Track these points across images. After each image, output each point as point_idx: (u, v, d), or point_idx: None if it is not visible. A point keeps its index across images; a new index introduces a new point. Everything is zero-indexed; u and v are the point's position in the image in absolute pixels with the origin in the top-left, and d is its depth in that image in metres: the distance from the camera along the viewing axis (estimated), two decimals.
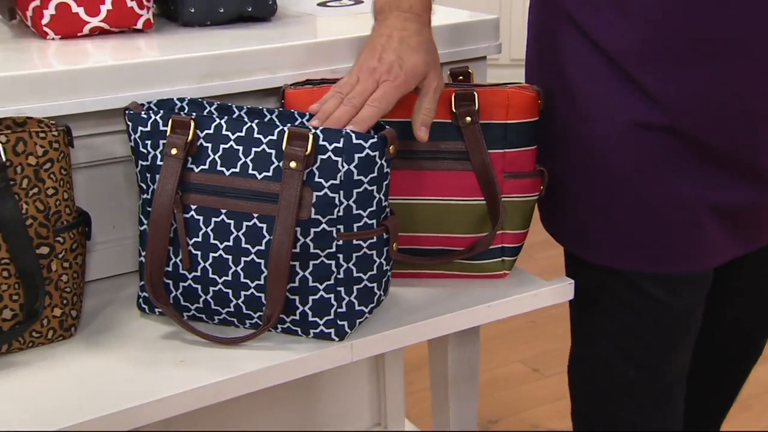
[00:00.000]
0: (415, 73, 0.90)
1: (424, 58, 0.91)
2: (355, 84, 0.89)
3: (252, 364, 0.84)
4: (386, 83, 0.89)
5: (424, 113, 0.91)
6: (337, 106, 0.88)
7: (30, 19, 1.01)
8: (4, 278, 0.82)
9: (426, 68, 0.91)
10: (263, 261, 0.85)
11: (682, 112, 0.89)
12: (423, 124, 0.91)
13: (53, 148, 0.84)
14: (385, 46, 0.90)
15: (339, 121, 0.86)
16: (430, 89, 0.91)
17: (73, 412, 0.77)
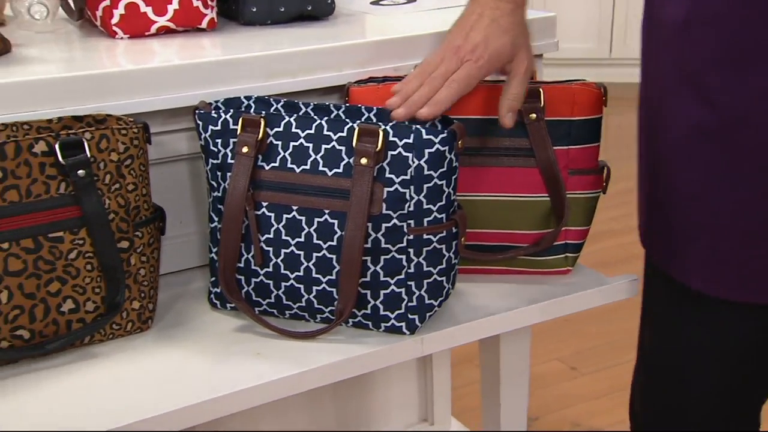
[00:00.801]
0: (500, 55, 0.88)
1: (512, 40, 0.88)
2: (439, 64, 0.88)
3: (327, 357, 0.85)
4: (468, 63, 0.87)
5: (510, 98, 0.89)
6: (418, 86, 0.87)
7: (99, 19, 1.04)
8: (88, 271, 0.84)
9: (514, 50, 0.88)
10: (335, 256, 0.87)
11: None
12: (510, 109, 0.89)
13: (134, 144, 0.85)
14: (474, 25, 0.88)
15: (416, 104, 0.85)
16: (518, 72, 0.89)
17: (155, 403, 0.78)
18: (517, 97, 0.89)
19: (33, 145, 0.80)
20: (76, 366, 0.83)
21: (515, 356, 1.28)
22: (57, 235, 0.82)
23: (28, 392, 0.79)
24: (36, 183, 0.80)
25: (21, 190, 0.79)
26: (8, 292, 0.80)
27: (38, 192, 0.80)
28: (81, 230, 0.83)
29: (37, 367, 0.83)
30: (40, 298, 0.82)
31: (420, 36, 1.08)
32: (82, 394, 0.80)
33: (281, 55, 1.00)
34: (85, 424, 0.75)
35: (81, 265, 0.83)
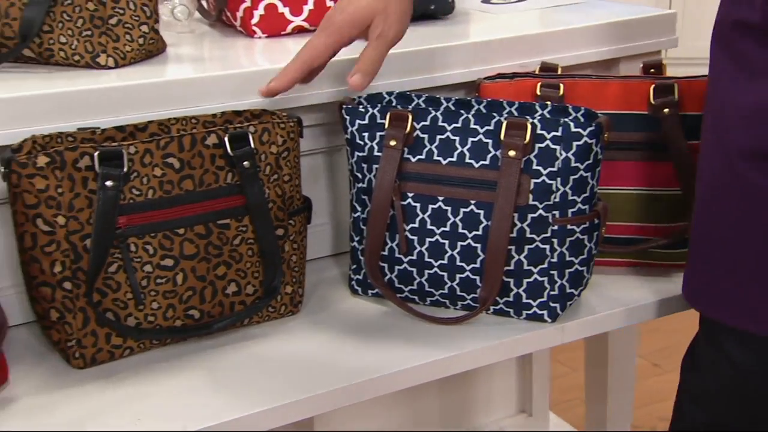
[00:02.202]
0: (353, 20, 0.85)
1: (367, 3, 0.85)
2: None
3: (472, 342, 0.89)
4: (315, 35, 0.85)
5: (361, 61, 0.85)
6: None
7: (240, 19, 1.09)
8: (249, 257, 0.89)
9: (370, 13, 0.85)
10: (480, 245, 0.90)
11: None
12: (357, 70, 0.85)
13: (290, 138, 0.90)
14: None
15: (271, 87, 0.84)
16: (372, 36, 0.85)
17: (311, 385, 0.83)
18: (367, 60, 0.85)
19: (206, 137, 0.85)
20: (239, 345, 0.88)
21: (623, 353, 1.31)
22: (224, 222, 0.87)
23: (198, 368, 0.84)
24: (207, 173, 0.85)
25: (195, 179, 0.85)
26: (183, 274, 0.85)
27: (209, 181, 0.86)
28: (245, 218, 0.88)
29: (203, 345, 0.88)
30: (209, 280, 0.87)
31: (544, 34, 1.11)
32: (246, 371, 0.85)
33: (416, 52, 1.04)
34: (251, 400, 0.80)
35: (243, 251, 0.89)
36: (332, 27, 0.84)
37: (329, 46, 0.84)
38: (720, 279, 0.85)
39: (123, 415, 0.77)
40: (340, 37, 0.85)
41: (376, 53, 0.85)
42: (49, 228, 0.79)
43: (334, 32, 0.84)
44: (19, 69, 0.91)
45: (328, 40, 0.84)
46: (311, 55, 0.84)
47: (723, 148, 0.82)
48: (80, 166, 0.79)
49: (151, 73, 0.93)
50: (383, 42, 0.85)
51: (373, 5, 0.84)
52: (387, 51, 0.86)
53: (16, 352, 0.84)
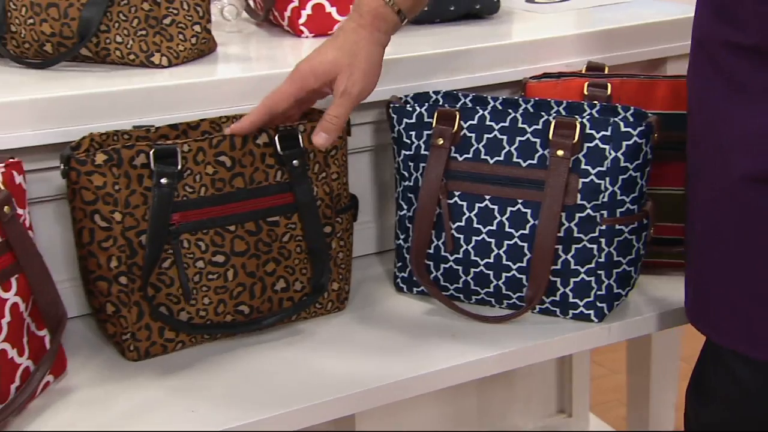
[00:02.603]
0: (314, 71, 0.84)
1: (333, 57, 0.84)
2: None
3: (518, 341, 0.89)
4: (283, 82, 0.85)
5: (325, 119, 0.85)
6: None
7: (287, 19, 1.10)
8: (297, 254, 0.90)
9: (334, 68, 0.84)
10: (527, 244, 0.90)
11: None
12: (322, 129, 0.85)
13: (339, 136, 0.91)
14: (314, 50, 0.86)
15: (233, 128, 0.84)
16: (336, 93, 0.85)
17: (355, 382, 0.84)
18: (331, 118, 0.85)
19: (257, 136, 0.86)
20: (287, 341, 0.90)
21: (666, 355, 1.30)
22: (274, 219, 0.88)
23: (247, 362, 0.86)
24: (257, 171, 0.87)
25: (245, 177, 0.86)
26: (234, 270, 0.87)
27: (259, 179, 0.87)
28: (293, 215, 0.89)
29: (252, 340, 0.89)
30: (259, 277, 0.88)
31: (590, 33, 1.11)
32: (295, 366, 0.86)
33: (461, 52, 1.04)
34: (297, 396, 0.81)
35: (292, 248, 0.90)
36: (295, 75, 0.85)
37: (290, 93, 0.85)
38: (720, 302, 0.83)
39: (177, 407, 0.78)
40: (301, 86, 0.85)
41: (339, 110, 0.85)
42: (106, 224, 0.81)
43: (296, 80, 0.85)
44: (77, 68, 0.93)
45: (290, 88, 0.85)
46: (273, 100, 0.84)
47: (723, 172, 0.80)
48: (136, 164, 0.81)
49: (202, 72, 0.94)
50: (347, 99, 0.85)
51: (337, 60, 0.84)
52: (351, 108, 0.86)
53: (73, 344, 0.86)
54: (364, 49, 0.86)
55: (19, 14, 0.90)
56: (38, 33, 0.90)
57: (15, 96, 0.84)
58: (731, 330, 0.82)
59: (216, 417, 0.78)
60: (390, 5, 0.86)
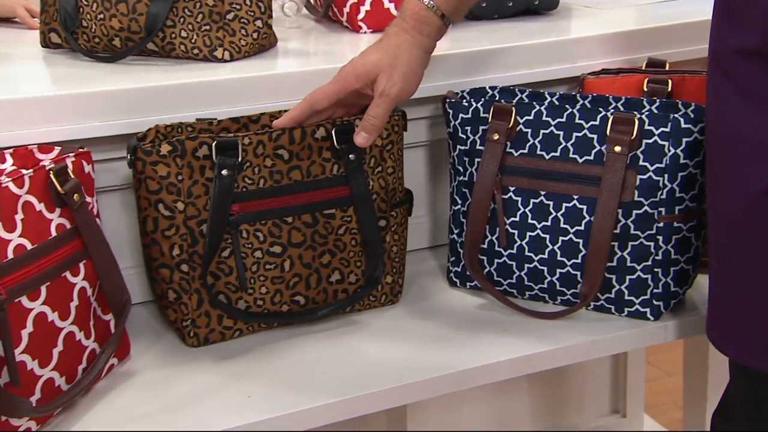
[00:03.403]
0: (356, 72, 0.86)
1: (375, 59, 0.86)
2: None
3: (572, 337, 0.89)
4: (323, 85, 0.87)
5: (365, 119, 0.87)
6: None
7: (346, 15, 1.12)
8: (352, 246, 0.91)
9: (375, 69, 0.86)
10: (582, 240, 0.90)
11: None
12: (362, 129, 0.87)
13: (394, 131, 0.92)
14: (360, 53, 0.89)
15: (275, 124, 0.87)
16: (375, 93, 0.86)
17: (408, 373, 0.84)
18: (369, 118, 0.86)
19: (315, 131, 0.88)
20: (341, 331, 0.91)
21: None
22: (330, 211, 0.90)
23: (302, 352, 0.88)
24: (315, 164, 0.88)
25: (303, 170, 0.88)
26: (290, 261, 0.88)
27: (316, 173, 0.89)
28: (349, 208, 0.91)
29: (307, 330, 0.91)
30: (315, 268, 0.90)
31: (650, 29, 1.09)
32: (348, 357, 0.87)
33: (518, 47, 1.04)
34: (349, 385, 0.82)
35: (347, 240, 0.91)
36: (338, 76, 0.87)
37: (332, 93, 0.87)
38: (740, 319, 0.80)
39: (234, 392, 0.80)
40: (342, 86, 0.87)
41: (377, 110, 0.86)
42: (170, 213, 0.83)
43: (338, 81, 0.87)
44: (143, 62, 0.97)
45: (332, 87, 0.87)
46: (315, 98, 0.87)
47: (741, 185, 0.77)
48: (199, 155, 0.83)
49: (263, 67, 0.96)
50: (385, 99, 0.86)
51: (380, 62, 0.86)
52: (390, 108, 0.87)
53: (136, 329, 0.89)
54: (406, 51, 0.87)
55: (91, 10, 0.94)
56: (108, 28, 0.94)
57: (85, 88, 0.87)
58: (751, 347, 0.79)
59: (271, 403, 0.79)
60: (432, 10, 0.87)
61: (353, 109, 0.91)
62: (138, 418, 0.76)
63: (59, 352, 0.73)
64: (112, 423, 0.75)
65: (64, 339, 0.74)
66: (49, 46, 0.99)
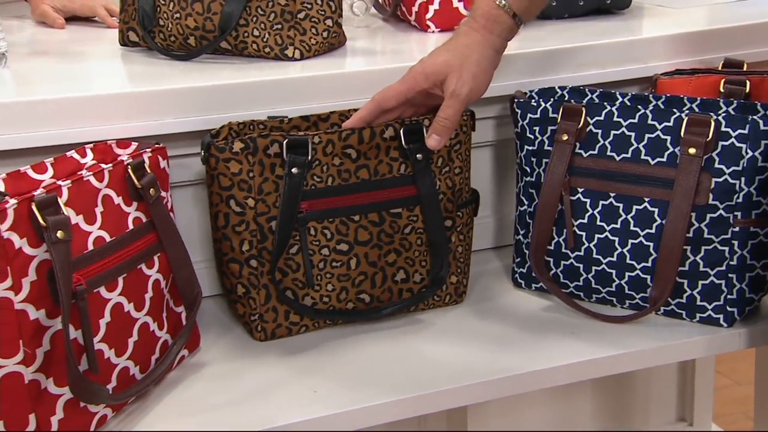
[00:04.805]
0: (425, 72, 0.85)
1: (445, 59, 0.85)
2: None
3: (641, 342, 0.87)
4: (392, 84, 0.86)
5: (436, 121, 0.86)
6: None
7: (414, 14, 1.12)
8: (418, 246, 0.92)
9: (445, 69, 0.85)
10: (652, 244, 0.88)
11: None
12: (434, 131, 0.86)
13: (462, 131, 0.92)
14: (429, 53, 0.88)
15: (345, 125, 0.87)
16: (446, 95, 0.85)
17: (471, 374, 0.84)
18: (441, 120, 0.85)
19: (384, 130, 0.88)
20: (405, 330, 0.91)
21: None
22: (396, 211, 0.90)
23: (366, 349, 0.88)
24: (382, 164, 0.89)
25: (370, 169, 0.88)
26: (357, 259, 0.89)
27: (384, 172, 0.89)
28: (416, 208, 0.91)
29: (371, 327, 0.92)
30: (380, 266, 0.90)
31: (727, 29, 1.07)
32: (412, 356, 0.87)
33: (589, 47, 1.03)
34: (412, 384, 0.82)
35: (413, 240, 0.91)
36: (407, 75, 0.87)
37: (401, 92, 0.87)
38: None
39: (300, 386, 0.81)
40: (411, 85, 0.86)
41: (449, 111, 0.86)
42: (240, 209, 0.85)
43: (407, 80, 0.87)
44: (216, 60, 0.99)
45: (401, 87, 0.87)
46: (384, 97, 0.87)
47: None
48: (270, 153, 0.85)
49: (332, 65, 0.97)
50: (456, 100, 0.85)
51: (448, 62, 0.85)
52: (461, 109, 0.86)
53: (206, 322, 0.91)
54: (476, 51, 0.86)
55: (168, 9, 0.96)
56: (183, 27, 0.96)
57: (161, 86, 0.90)
58: None
59: (335, 399, 0.80)
60: (503, 8, 0.86)
61: (422, 108, 0.91)
62: (208, 409, 0.78)
63: (134, 342, 0.76)
64: (183, 413, 0.77)
65: (139, 329, 0.76)
66: (127, 44, 1.02)
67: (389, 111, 0.89)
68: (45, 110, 0.83)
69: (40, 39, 1.16)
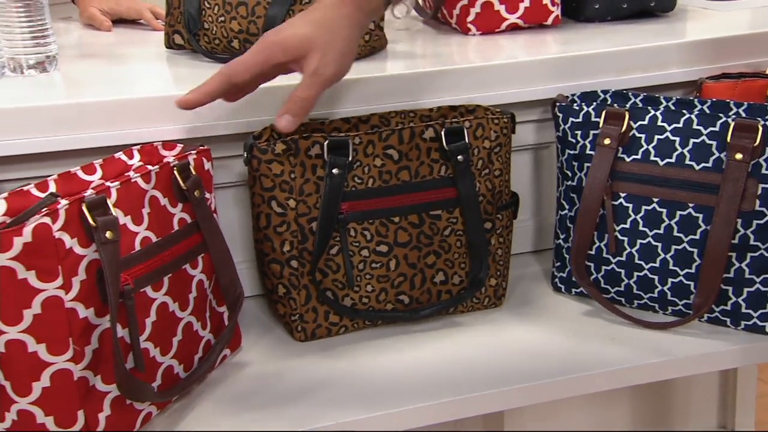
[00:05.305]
0: (284, 45, 0.75)
1: (307, 33, 0.75)
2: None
3: (683, 349, 0.86)
4: (242, 56, 0.76)
5: (292, 99, 0.76)
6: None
7: (455, 17, 1.12)
8: (457, 248, 0.92)
9: (307, 44, 0.75)
10: (696, 250, 0.87)
11: None
12: (288, 111, 0.76)
13: (503, 133, 0.92)
14: (287, 21, 0.78)
15: (187, 99, 0.77)
16: (305, 73, 0.76)
17: (515, 376, 0.84)
18: (297, 99, 0.76)
19: (424, 131, 0.88)
20: (443, 332, 0.91)
21: None
22: (436, 212, 0.90)
23: (405, 350, 0.88)
24: (423, 165, 0.89)
25: (411, 170, 0.89)
26: (396, 260, 0.89)
27: (424, 173, 0.89)
28: (455, 210, 0.91)
29: (410, 329, 0.92)
30: (419, 268, 0.91)
31: None
32: (450, 358, 0.87)
33: (633, 50, 1.02)
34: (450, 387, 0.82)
35: (452, 242, 0.91)
36: (262, 45, 0.76)
37: (254, 64, 0.76)
38: None
39: (339, 387, 0.82)
40: (266, 58, 0.76)
41: (307, 92, 0.77)
42: (282, 210, 0.86)
43: (261, 51, 0.76)
44: None
45: (254, 58, 0.76)
46: (234, 70, 0.76)
47: None
48: (311, 154, 0.85)
49: (373, 68, 0.98)
50: (318, 80, 0.76)
51: (311, 38, 0.75)
52: (321, 90, 0.77)
53: (246, 322, 0.92)
54: (344, 28, 0.77)
55: (212, 12, 0.98)
56: (228, 30, 0.97)
57: None
58: None
59: (374, 400, 0.80)
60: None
61: (268, 79, 0.82)
62: (250, 408, 0.79)
63: (178, 341, 0.77)
64: (225, 411, 0.78)
65: (183, 329, 0.78)
66: (173, 47, 1.04)
67: (241, 87, 0.80)
68: (93, 112, 0.85)
69: (87, 41, 1.18)
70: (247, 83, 0.80)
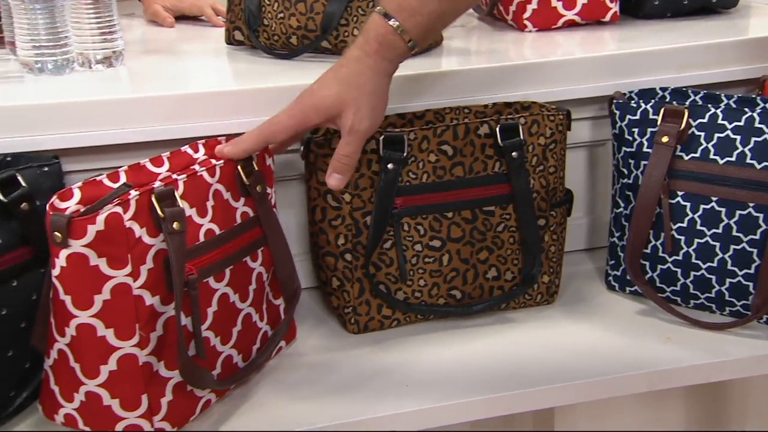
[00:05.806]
0: (317, 107, 0.79)
1: (337, 92, 0.78)
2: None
3: (740, 350, 0.85)
4: (282, 111, 0.80)
5: (336, 158, 0.80)
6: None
7: (512, 13, 1.12)
8: (510, 244, 0.92)
9: (339, 104, 0.78)
10: (756, 250, 0.86)
11: None
12: (335, 170, 0.80)
13: (558, 130, 0.92)
14: (318, 80, 0.81)
15: (225, 152, 0.79)
16: (343, 131, 0.79)
17: (567, 373, 0.84)
18: (341, 158, 0.80)
19: (478, 127, 0.89)
20: (495, 328, 0.92)
21: None
22: (490, 208, 0.91)
23: (457, 345, 0.89)
24: (477, 161, 0.90)
25: (465, 166, 0.89)
26: (449, 255, 0.90)
27: (478, 169, 0.90)
28: (509, 206, 0.91)
29: (462, 324, 0.93)
30: (472, 264, 0.91)
31: None
32: (501, 354, 0.88)
33: (693, 47, 1.00)
34: (501, 382, 0.83)
35: (505, 238, 0.92)
36: (297, 108, 0.80)
37: (290, 127, 0.80)
38: None
39: (392, 380, 0.83)
40: (301, 121, 0.80)
41: (348, 149, 0.80)
42: (337, 204, 0.87)
43: (297, 114, 0.80)
44: (317, 59, 1.01)
45: (290, 121, 0.80)
46: (271, 131, 0.80)
47: None
48: (366, 149, 0.86)
49: (428, 65, 0.98)
50: (356, 137, 0.80)
51: (342, 97, 0.79)
52: (361, 144, 0.81)
53: (301, 313, 0.94)
54: (370, 80, 0.80)
55: (272, 9, 1.00)
56: (286, 26, 0.99)
57: (266, 83, 0.93)
58: None
59: (425, 393, 0.81)
60: (400, 33, 0.79)
61: (305, 135, 0.88)
62: (304, 398, 0.81)
63: (238, 331, 0.79)
64: (281, 400, 0.80)
65: (243, 319, 0.80)
66: (233, 43, 1.06)
67: (278, 145, 0.86)
68: (157, 106, 0.87)
69: (151, 37, 1.22)
70: (285, 142, 0.86)
